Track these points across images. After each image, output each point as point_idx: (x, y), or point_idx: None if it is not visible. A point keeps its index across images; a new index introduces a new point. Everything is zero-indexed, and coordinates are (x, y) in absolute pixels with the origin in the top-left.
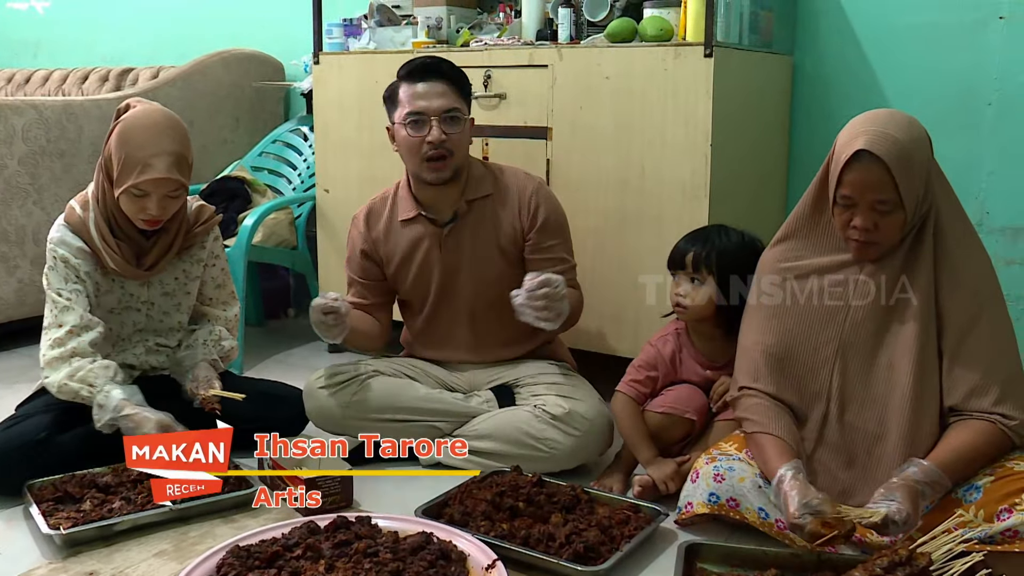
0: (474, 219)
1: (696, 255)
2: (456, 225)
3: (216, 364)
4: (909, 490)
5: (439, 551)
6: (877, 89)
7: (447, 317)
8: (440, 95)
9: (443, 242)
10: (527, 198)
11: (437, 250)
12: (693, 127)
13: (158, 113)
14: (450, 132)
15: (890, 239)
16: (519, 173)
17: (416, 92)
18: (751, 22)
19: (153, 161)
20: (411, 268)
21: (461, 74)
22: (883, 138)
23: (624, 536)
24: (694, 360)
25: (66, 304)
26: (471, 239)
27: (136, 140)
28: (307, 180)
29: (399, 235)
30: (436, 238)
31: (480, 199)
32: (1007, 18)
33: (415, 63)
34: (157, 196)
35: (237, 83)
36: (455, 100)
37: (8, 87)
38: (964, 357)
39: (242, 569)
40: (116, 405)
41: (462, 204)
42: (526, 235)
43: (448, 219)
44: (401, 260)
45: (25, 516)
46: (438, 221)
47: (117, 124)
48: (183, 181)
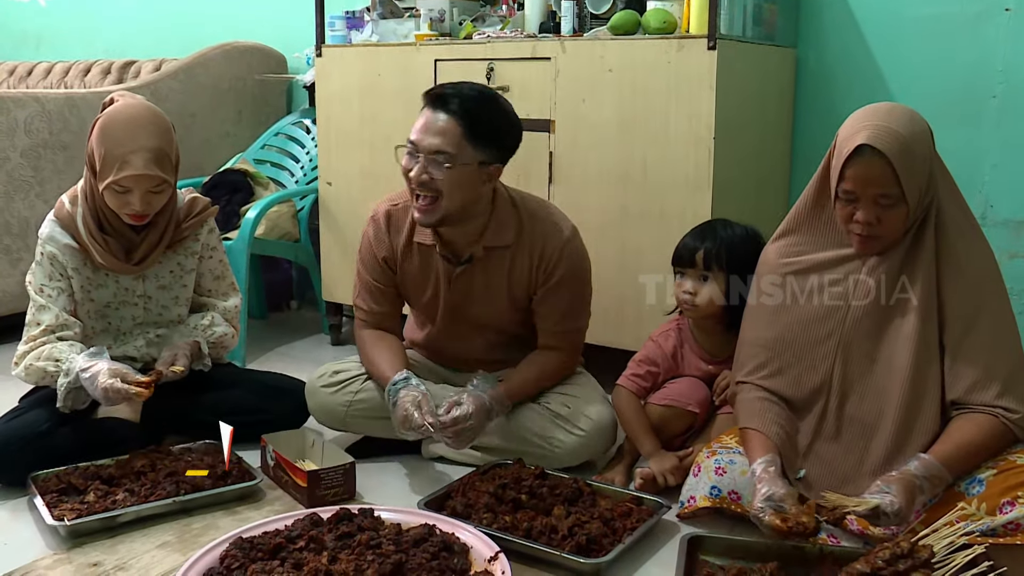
0: (490, 265)
1: (707, 252)
2: (469, 267)
3: (201, 346)
4: (906, 483)
5: (442, 543)
6: (881, 82)
7: (453, 337)
8: (437, 132)
9: (453, 280)
10: (549, 254)
11: (447, 285)
12: (696, 120)
13: (139, 108)
14: (435, 174)
15: (893, 233)
16: (550, 222)
17: (421, 121)
18: (755, 14)
19: (131, 158)
20: (423, 292)
21: (481, 113)
22: (885, 132)
23: (626, 528)
24: (696, 355)
25: (43, 303)
26: (483, 284)
27: (115, 136)
28: (309, 173)
29: (415, 254)
30: (448, 274)
31: (500, 248)
32: (1012, 10)
33: (437, 87)
34: (139, 192)
35: (239, 76)
36: (453, 142)
37: (10, 80)
38: (966, 351)
39: (245, 561)
40: (78, 365)
41: (479, 249)
42: (537, 288)
43: (463, 259)
44: (413, 282)
45: (29, 507)
46: (451, 259)
47: (98, 119)
48: (164, 177)
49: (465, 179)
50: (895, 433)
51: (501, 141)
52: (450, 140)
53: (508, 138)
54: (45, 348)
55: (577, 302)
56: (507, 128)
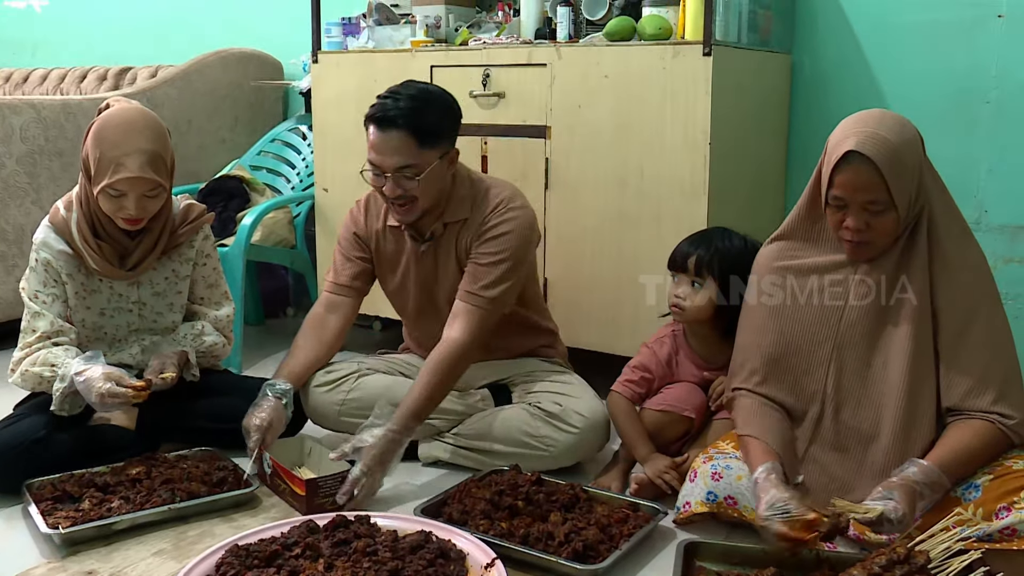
0: (447, 240)
1: (699, 258)
2: (432, 244)
3: (189, 356)
4: (907, 490)
5: (438, 550)
6: (875, 87)
7: (431, 322)
8: (394, 151)
9: (419, 258)
10: (488, 211)
11: (415, 263)
12: (692, 126)
13: (134, 112)
14: (407, 186)
15: (883, 239)
16: (499, 194)
17: (373, 142)
18: (750, 21)
19: (126, 160)
20: (395, 275)
21: (423, 117)
22: (873, 139)
23: (623, 535)
24: (691, 361)
25: (38, 310)
26: (444, 258)
27: (110, 139)
28: (306, 179)
29: (387, 239)
30: (414, 254)
31: (455, 223)
32: (1006, 16)
33: (373, 108)
34: (134, 195)
35: (236, 82)
36: (410, 153)
37: (6, 86)
38: (961, 357)
39: (241, 568)
40: (73, 370)
41: (439, 226)
42: (471, 249)
43: (425, 238)
44: (387, 264)
45: (24, 515)
46: (416, 238)
47: (93, 123)
48: (159, 180)
49: (434, 177)
50: (893, 441)
51: (450, 131)
52: (408, 153)
53: (454, 124)
54: (40, 354)
55: (493, 265)
56: (451, 118)
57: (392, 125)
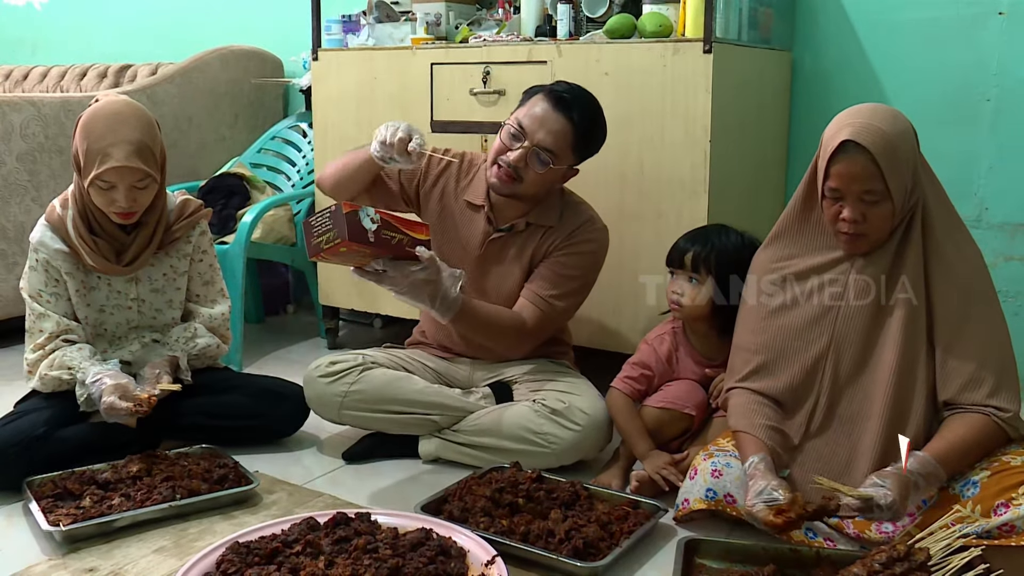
0: (524, 239)
1: (696, 255)
2: (507, 236)
3: (180, 361)
4: (901, 479)
5: (438, 547)
6: (876, 84)
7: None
8: (552, 132)
9: (488, 243)
10: (577, 232)
11: (480, 245)
12: (692, 123)
13: (120, 103)
14: (531, 166)
15: (879, 231)
16: (588, 213)
17: (538, 111)
18: (750, 18)
19: (112, 150)
20: (448, 241)
21: (593, 125)
22: (868, 129)
23: (623, 532)
24: (691, 358)
25: (43, 311)
26: (515, 254)
27: (97, 131)
28: (306, 177)
29: (455, 206)
30: (486, 234)
31: (540, 227)
32: (1006, 14)
33: (564, 89)
34: (124, 187)
35: (236, 80)
36: (562, 147)
37: (6, 84)
38: (957, 351)
39: (241, 565)
40: (90, 376)
41: (521, 222)
42: (549, 254)
43: (504, 227)
44: (443, 229)
45: (24, 513)
46: (494, 223)
47: (80, 117)
48: (147, 170)
49: (552, 177)
50: (883, 430)
51: (596, 151)
52: (561, 143)
53: (592, 152)
54: (56, 355)
55: (569, 278)
56: (603, 140)
57: (568, 111)
